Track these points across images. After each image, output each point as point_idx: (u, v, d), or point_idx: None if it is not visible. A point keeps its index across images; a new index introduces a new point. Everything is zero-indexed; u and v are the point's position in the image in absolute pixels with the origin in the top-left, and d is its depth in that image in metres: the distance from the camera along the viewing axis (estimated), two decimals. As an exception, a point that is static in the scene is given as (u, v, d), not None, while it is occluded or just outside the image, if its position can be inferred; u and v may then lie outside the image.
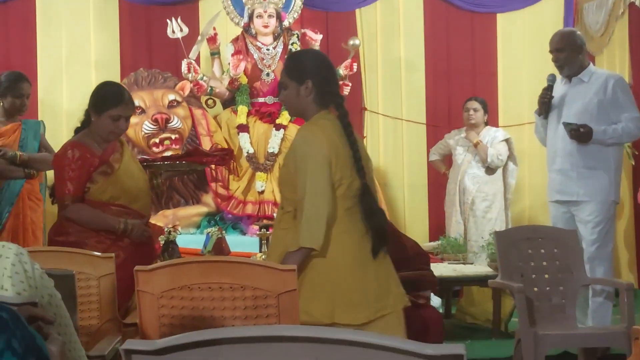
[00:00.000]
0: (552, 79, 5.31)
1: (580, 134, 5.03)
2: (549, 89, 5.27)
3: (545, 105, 5.27)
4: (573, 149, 5.12)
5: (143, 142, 7.18)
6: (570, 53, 5.24)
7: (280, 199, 3.52)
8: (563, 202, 5.23)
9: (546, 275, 4.67)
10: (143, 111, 7.17)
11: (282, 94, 3.45)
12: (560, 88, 5.31)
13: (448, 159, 7.46)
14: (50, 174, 5.99)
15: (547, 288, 4.64)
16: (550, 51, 5.34)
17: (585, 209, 5.11)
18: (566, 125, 5.05)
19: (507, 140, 7.09)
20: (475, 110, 7.09)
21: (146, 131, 7.18)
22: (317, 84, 3.33)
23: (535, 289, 4.61)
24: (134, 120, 6.31)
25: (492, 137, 7.07)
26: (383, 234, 3.29)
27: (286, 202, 3.38)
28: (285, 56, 3.59)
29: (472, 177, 7.06)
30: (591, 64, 5.39)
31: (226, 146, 7.15)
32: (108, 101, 4.08)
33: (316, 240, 3.17)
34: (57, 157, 4.24)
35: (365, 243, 3.26)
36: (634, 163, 7.41)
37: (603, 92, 5.13)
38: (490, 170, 7.05)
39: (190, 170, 4.43)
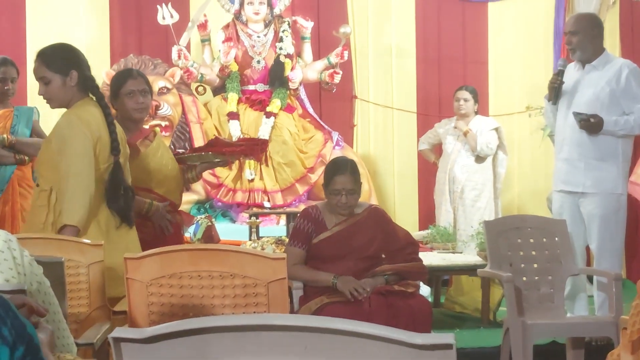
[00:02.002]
0: (563, 64, 5.12)
1: (590, 124, 4.86)
2: (559, 74, 5.06)
3: (556, 90, 5.06)
4: (582, 138, 4.95)
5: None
6: (583, 37, 5.02)
7: (37, 178, 3.73)
8: (568, 192, 5.07)
9: (535, 265, 4.67)
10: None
11: (45, 89, 3.69)
12: (572, 74, 5.11)
13: (438, 149, 7.46)
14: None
15: (536, 277, 4.65)
16: (564, 33, 5.18)
17: (592, 201, 4.96)
18: (576, 115, 4.88)
19: (496, 129, 7.09)
20: (465, 100, 7.08)
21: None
22: (81, 73, 3.66)
23: (524, 278, 4.62)
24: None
25: (481, 126, 7.07)
26: (126, 213, 3.67)
27: (43, 180, 3.64)
28: (40, 52, 3.72)
29: (462, 166, 7.07)
30: (606, 50, 5.17)
31: (216, 133, 7.15)
32: (117, 81, 4.16)
33: (79, 219, 3.50)
34: None
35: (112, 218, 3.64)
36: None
37: (616, 82, 4.95)
38: (479, 159, 7.06)
39: (221, 161, 4.42)
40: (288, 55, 7.49)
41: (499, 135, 7.10)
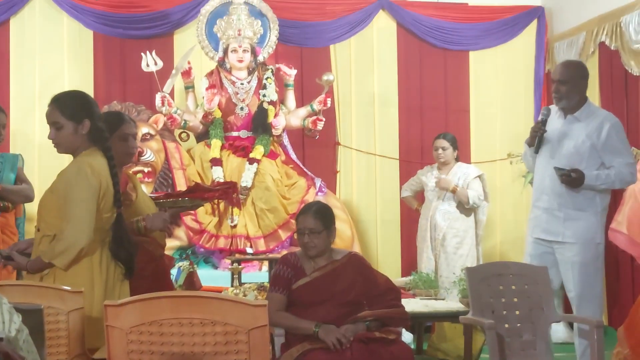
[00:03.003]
0: (546, 113, 5.11)
1: (572, 179, 4.88)
2: (543, 123, 5.07)
3: (538, 139, 5.07)
4: (562, 189, 4.97)
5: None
6: (572, 86, 5.02)
7: (37, 222, 3.72)
8: (546, 240, 5.09)
9: (517, 312, 4.66)
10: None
11: (55, 134, 3.70)
12: (554, 122, 5.11)
13: (420, 195, 7.48)
14: (28, 207, 5.94)
15: (518, 324, 4.64)
16: (553, 80, 5.11)
17: (571, 250, 4.97)
18: (557, 169, 4.90)
19: (480, 177, 7.13)
20: (444, 148, 7.10)
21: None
22: (93, 122, 3.70)
23: (507, 325, 4.60)
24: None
25: (464, 174, 7.09)
26: (130, 263, 3.71)
27: (46, 225, 3.66)
28: (55, 98, 3.77)
29: (443, 213, 7.08)
30: (588, 99, 5.16)
31: (199, 179, 7.15)
32: (112, 124, 4.10)
33: (65, 263, 3.54)
34: None
35: (113, 267, 3.69)
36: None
37: (597, 136, 4.95)
38: (461, 206, 7.08)
39: (194, 205, 4.43)
40: (271, 102, 7.54)
41: (482, 183, 7.13)
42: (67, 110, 3.69)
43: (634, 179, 5.08)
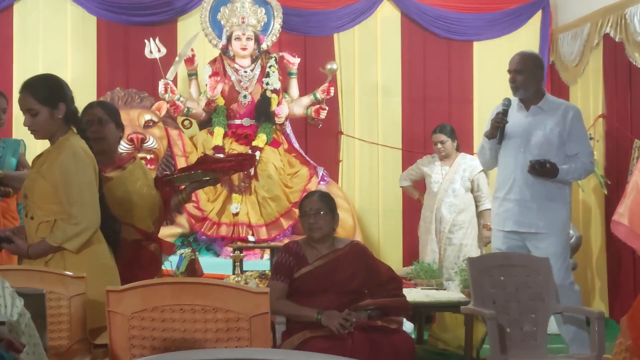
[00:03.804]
0: (507, 104, 5.15)
1: (546, 169, 4.94)
2: (504, 114, 5.11)
3: (501, 130, 5.10)
4: (534, 180, 5.02)
5: (118, 161, 7.14)
6: (528, 76, 5.11)
7: (29, 210, 3.69)
8: (518, 232, 5.12)
9: (518, 302, 4.67)
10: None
11: (32, 120, 3.69)
12: (515, 114, 5.15)
13: (420, 185, 7.46)
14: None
15: (519, 315, 4.65)
16: (509, 71, 5.20)
17: (545, 241, 5.02)
18: (535, 162, 4.94)
19: (484, 170, 7.09)
20: (442, 142, 7.06)
21: (121, 150, 7.12)
22: (67, 106, 3.68)
23: (507, 315, 4.61)
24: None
25: (470, 167, 7.03)
26: (117, 240, 3.79)
27: (42, 212, 3.63)
28: (26, 83, 3.76)
29: (449, 205, 7.05)
30: (545, 91, 5.25)
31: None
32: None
33: (77, 246, 3.57)
34: None
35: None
36: (606, 192, 7.47)
37: (562, 123, 5.04)
38: (466, 197, 7.05)
39: (210, 179, 4.40)
40: (274, 91, 7.53)
41: (486, 176, 7.11)
42: (41, 95, 3.67)
43: (593, 167, 5.22)
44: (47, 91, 3.69)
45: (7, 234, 3.73)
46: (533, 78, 5.14)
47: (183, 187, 4.43)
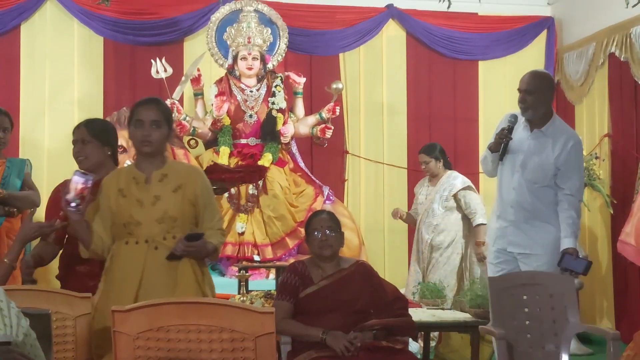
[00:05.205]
0: (513, 120, 5.02)
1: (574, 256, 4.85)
2: (509, 130, 4.99)
3: (504, 146, 4.99)
4: (527, 203, 4.96)
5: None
6: (538, 97, 4.95)
7: (166, 230, 3.59)
8: (511, 252, 5.06)
9: (540, 322, 4.59)
10: (125, 150, 7.14)
11: (154, 132, 3.70)
12: (520, 132, 5.04)
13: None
14: (35, 212, 5.93)
15: (541, 335, 4.57)
16: (519, 90, 5.02)
17: (538, 260, 4.95)
18: (563, 270, 4.81)
19: (468, 188, 7.02)
20: (426, 163, 7.04)
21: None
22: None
23: (529, 335, 4.54)
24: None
25: (450, 185, 6.98)
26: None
27: (180, 230, 3.59)
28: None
29: (427, 226, 6.99)
30: (555, 113, 5.11)
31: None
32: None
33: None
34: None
35: None
36: (612, 212, 7.46)
37: (560, 151, 4.93)
38: (448, 218, 6.99)
39: (219, 188, 4.39)
40: (280, 110, 7.55)
41: (473, 193, 7.03)
42: (168, 111, 3.80)
43: (579, 205, 5.06)
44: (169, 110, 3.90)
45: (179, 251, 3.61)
46: (544, 99, 4.98)
47: None
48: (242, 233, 7.20)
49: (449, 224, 6.98)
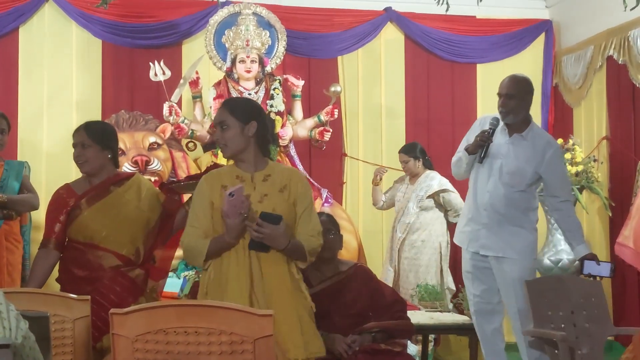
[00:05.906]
0: (495, 124, 4.99)
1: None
2: (490, 134, 4.96)
3: (485, 149, 4.96)
4: (501, 207, 4.94)
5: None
6: (519, 102, 4.95)
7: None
8: (484, 255, 5.04)
9: (574, 325, 4.59)
10: (123, 153, 7.15)
11: (222, 134, 3.62)
12: (497, 136, 5.01)
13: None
14: (34, 215, 5.94)
15: (576, 338, 4.56)
16: (499, 94, 5.00)
17: (511, 265, 4.93)
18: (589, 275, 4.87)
19: (445, 190, 7.04)
20: (404, 162, 7.15)
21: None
22: (260, 124, 3.66)
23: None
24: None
25: (426, 186, 7.05)
26: None
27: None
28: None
29: (401, 224, 7.08)
30: (532, 119, 5.08)
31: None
32: None
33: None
34: None
35: None
36: (610, 214, 7.47)
37: (541, 159, 4.94)
38: (424, 216, 7.03)
39: None
40: (279, 113, 7.55)
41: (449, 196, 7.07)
42: (237, 110, 3.62)
43: (572, 206, 5.15)
44: (243, 107, 3.66)
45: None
46: (524, 103, 4.99)
47: (190, 196, 4.40)
48: (241, 236, 7.18)
49: (424, 222, 7.05)
